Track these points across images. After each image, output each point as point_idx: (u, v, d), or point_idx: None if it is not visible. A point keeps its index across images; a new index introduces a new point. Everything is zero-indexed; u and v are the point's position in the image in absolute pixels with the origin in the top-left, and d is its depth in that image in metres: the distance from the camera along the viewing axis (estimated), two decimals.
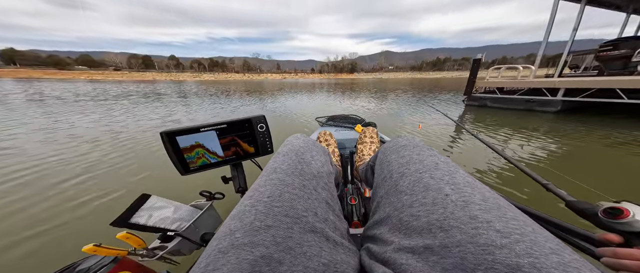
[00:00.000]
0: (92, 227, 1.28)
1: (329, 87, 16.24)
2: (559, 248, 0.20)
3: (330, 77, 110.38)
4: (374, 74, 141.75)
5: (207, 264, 0.24)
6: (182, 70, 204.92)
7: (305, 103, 7.01)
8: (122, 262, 0.44)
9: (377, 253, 0.29)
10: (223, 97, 8.91)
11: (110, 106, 5.98)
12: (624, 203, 0.33)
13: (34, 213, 1.39)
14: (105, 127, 3.61)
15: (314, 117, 2.59)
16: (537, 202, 1.47)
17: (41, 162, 2.20)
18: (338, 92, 11.30)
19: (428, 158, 0.36)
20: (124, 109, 5.60)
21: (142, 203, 0.55)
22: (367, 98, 8.38)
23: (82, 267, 0.40)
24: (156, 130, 3.42)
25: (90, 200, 1.53)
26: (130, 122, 4.08)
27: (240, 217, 0.29)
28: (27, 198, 1.57)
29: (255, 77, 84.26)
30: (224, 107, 6.15)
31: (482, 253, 0.20)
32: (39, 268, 1.00)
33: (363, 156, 0.92)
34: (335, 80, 46.11)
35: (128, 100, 7.43)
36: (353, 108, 5.97)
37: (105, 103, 6.56)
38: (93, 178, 1.87)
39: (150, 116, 4.67)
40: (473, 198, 0.26)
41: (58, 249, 1.11)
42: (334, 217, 0.36)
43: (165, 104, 6.50)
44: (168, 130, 0.52)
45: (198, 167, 0.59)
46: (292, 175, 0.37)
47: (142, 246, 0.49)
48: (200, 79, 58.16)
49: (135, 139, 2.98)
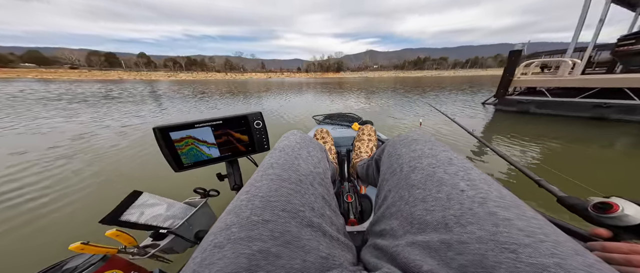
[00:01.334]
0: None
1: (318, 87, 15.31)
2: (581, 249, 0.19)
3: (317, 76, 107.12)
4: (360, 73, 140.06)
5: (202, 259, 0.24)
6: (154, 69, 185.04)
7: (296, 103, 6.66)
8: (112, 260, 0.42)
9: (386, 248, 0.28)
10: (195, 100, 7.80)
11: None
12: (614, 198, 0.34)
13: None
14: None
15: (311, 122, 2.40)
16: (529, 199, 1.50)
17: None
18: (329, 93, 10.60)
19: (441, 153, 0.35)
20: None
21: (133, 201, 0.53)
22: (359, 97, 8.23)
23: (69, 266, 0.39)
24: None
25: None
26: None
27: (237, 212, 0.28)
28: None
29: (238, 77, 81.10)
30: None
31: (503, 251, 0.19)
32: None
33: (360, 153, 0.92)
34: (322, 79, 43.12)
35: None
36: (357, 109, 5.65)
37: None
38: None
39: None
40: (490, 195, 0.25)
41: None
42: (331, 212, 0.35)
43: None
44: (161, 125, 0.51)
45: (192, 164, 0.57)
46: (288, 171, 0.36)
47: (133, 244, 0.48)
48: (175, 78, 51.50)
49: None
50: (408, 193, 0.31)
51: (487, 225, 0.22)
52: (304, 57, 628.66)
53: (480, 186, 0.27)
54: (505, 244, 0.20)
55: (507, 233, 0.20)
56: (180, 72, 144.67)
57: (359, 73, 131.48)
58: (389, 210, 0.33)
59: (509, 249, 0.19)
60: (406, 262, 0.24)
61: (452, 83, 20.41)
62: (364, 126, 1.06)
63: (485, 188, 0.27)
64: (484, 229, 0.21)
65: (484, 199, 0.25)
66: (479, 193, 0.26)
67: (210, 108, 6.47)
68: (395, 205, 0.32)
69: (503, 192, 0.27)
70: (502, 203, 0.24)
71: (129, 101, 7.36)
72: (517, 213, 0.23)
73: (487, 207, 0.24)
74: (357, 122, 1.49)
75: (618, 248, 0.30)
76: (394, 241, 0.28)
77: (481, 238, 0.21)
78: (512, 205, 0.24)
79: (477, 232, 0.21)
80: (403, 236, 0.27)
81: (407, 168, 0.36)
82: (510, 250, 0.19)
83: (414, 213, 0.28)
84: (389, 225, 0.31)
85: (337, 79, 39.04)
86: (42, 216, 1.54)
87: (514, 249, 0.19)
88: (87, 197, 1.77)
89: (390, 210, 0.33)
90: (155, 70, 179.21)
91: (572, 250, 0.19)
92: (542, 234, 0.20)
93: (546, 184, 0.52)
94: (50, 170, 2.22)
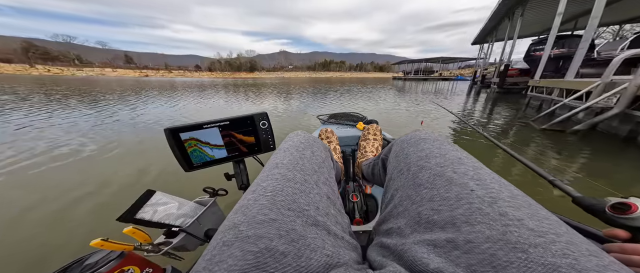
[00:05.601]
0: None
1: (231, 94, 9.70)
2: (596, 251, 0.19)
3: (227, 76, 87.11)
4: (277, 73, 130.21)
5: (212, 256, 0.25)
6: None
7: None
8: (128, 256, 0.44)
9: (392, 246, 0.29)
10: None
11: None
12: (632, 199, 0.33)
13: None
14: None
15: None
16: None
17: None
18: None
19: (450, 153, 0.35)
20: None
21: (147, 199, 0.56)
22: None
23: (89, 262, 0.41)
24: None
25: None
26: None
27: (244, 211, 0.29)
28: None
29: (65, 72, 54.05)
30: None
31: (513, 251, 0.19)
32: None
33: (365, 153, 0.92)
34: (233, 80, 35.87)
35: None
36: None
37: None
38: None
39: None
40: (501, 195, 0.25)
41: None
42: (335, 211, 0.36)
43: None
44: (172, 126, 0.53)
45: (201, 164, 0.59)
46: (293, 170, 0.37)
47: (148, 241, 0.50)
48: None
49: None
50: (415, 193, 0.31)
51: (497, 225, 0.21)
52: (204, 54, 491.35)
53: (491, 186, 0.27)
54: (516, 244, 0.19)
55: (517, 233, 0.20)
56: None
57: (276, 73, 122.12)
58: (396, 209, 0.33)
59: (519, 249, 0.19)
60: (413, 260, 0.24)
61: (356, 82, 23.05)
62: (369, 125, 1.06)
63: (496, 187, 0.26)
64: (494, 229, 0.21)
65: (494, 199, 0.25)
66: (489, 192, 0.26)
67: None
68: (403, 204, 0.32)
69: (515, 192, 0.26)
70: (513, 203, 0.24)
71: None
72: (528, 213, 0.22)
73: (497, 206, 0.23)
74: (362, 121, 1.49)
75: (637, 249, 0.29)
76: (401, 239, 0.28)
77: (491, 237, 0.21)
78: (524, 205, 0.24)
79: (487, 232, 0.21)
80: (410, 235, 0.27)
81: (414, 167, 0.36)
82: (520, 249, 0.19)
83: (421, 212, 0.28)
84: (396, 224, 0.31)
85: (251, 80, 32.38)
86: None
87: (525, 249, 0.19)
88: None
89: (397, 209, 0.33)
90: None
91: (586, 251, 0.19)
92: (554, 234, 0.20)
93: (561, 184, 0.50)
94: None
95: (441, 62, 50.99)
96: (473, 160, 0.34)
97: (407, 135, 0.47)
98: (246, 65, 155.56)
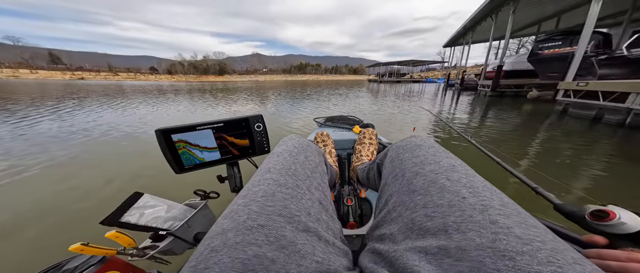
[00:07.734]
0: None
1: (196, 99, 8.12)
2: (580, 258, 0.19)
3: (191, 79, 72.21)
4: (250, 76, 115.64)
5: (198, 263, 0.24)
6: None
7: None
8: (110, 261, 0.42)
9: (384, 252, 0.28)
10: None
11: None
12: (611, 207, 0.34)
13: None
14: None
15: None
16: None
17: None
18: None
19: (444, 160, 0.36)
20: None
21: (134, 202, 0.54)
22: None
23: (68, 267, 0.39)
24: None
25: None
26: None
27: (233, 217, 0.28)
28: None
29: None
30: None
31: (502, 259, 0.19)
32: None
33: (361, 157, 0.92)
34: (199, 84, 30.07)
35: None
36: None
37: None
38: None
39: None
40: (492, 203, 0.25)
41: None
42: (327, 217, 0.35)
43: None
44: (163, 128, 0.52)
45: (193, 166, 0.58)
46: (285, 175, 0.36)
47: (132, 245, 0.48)
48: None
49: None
50: (410, 199, 0.31)
51: (487, 233, 0.22)
52: (162, 55, 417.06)
53: (483, 194, 0.27)
54: (504, 252, 0.20)
55: (506, 241, 0.20)
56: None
57: (249, 77, 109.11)
58: (390, 215, 0.33)
59: (507, 257, 0.19)
60: (404, 267, 0.24)
61: (333, 85, 22.29)
62: (365, 129, 1.06)
63: (487, 195, 0.27)
64: (484, 236, 0.21)
65: (485, 207, 0.25)
66: (481, 200, 0.26)
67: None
68: (396, 210, 0.32)
69: (505, 200, 0.27)
70: (503, 211, 0.24)
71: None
72: (517, 221, 0.23)
73: (488, 214, 0.24)
74: (358, 125, 1.49)
75: (615, 256, 0.30)
76: (393, 246, 0.28)
77: (480, 245, 0.21)
78: (513, 214, 0.24)
79: (477, 239, 0.21)
80: (402, 241, 0.27)
81: (409, 173, 0.36)
82: (508, 257, 0.19)
83: (414, 219, 0.28)
84: (389, 230, 0.31)
85: (220, 84, 26.81)
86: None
87: (512, 257, 0.19)
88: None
89: (391, 215, 0.33)
90: None
91: (571, 258, 0.19)
92: (540, 242, 0.20)
93: (543, 192, 0.52)
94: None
95: (412, 65, 51.79)
96: (466, 167, 0.34)
97: (402, 141, 0.47)
98: (214, 68, 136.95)
